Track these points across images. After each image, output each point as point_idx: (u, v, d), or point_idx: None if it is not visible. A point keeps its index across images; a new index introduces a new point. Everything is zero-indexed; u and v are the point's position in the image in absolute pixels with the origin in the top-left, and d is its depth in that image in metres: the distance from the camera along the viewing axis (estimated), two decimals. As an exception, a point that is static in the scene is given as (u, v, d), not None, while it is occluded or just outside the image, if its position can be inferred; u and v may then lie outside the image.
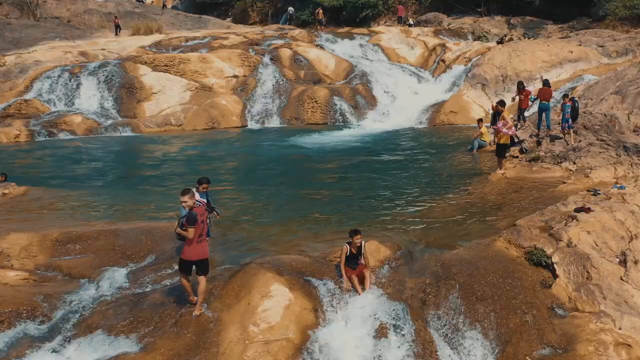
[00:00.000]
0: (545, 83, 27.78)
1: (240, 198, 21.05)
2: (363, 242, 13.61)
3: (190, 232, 11.87)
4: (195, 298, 12.44)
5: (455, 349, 12.27)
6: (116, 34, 57.45)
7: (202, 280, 12.27)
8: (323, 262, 14.29)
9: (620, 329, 12.56)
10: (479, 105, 40.13)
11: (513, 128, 23.36)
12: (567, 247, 14.48)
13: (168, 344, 11.66)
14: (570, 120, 23.93)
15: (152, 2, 77.43)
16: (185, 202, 12.02)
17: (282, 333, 11.91)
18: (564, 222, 15.52)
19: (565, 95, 25.03)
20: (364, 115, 41.80)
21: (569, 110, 23.80)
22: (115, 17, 59.84)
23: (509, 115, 23.51)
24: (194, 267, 12.31)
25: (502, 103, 23.81)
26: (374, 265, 14.09)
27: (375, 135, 36.58)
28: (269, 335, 11.81)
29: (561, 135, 24.47)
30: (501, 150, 22.73)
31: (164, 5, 77.10)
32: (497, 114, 23.87)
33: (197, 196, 13.11)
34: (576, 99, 25.44)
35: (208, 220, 12.63)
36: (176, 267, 12.97)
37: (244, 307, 12.32)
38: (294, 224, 17.74)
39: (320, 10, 63.08)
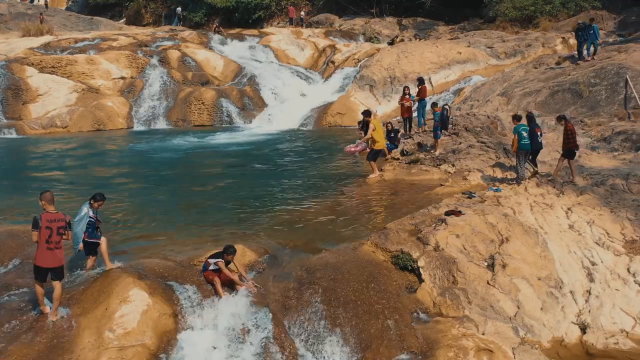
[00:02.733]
0: (420, 81, 28.34)
1: (115, 201, 20.56)
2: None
3: (34, 235, 11.80)
4: (47, 308, 12.18)
5: (315, 355, 12.25)
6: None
7: (57, 285, 12.06)
8: (187, 266, 14.19)
9: (483, 334, 12.74)
10: (366, 106, 40.39)
11: (362, 144, 23.62)
12: (434, 251, 14.65)
13: (21, 350, 11.32)
14: (439, 128, 24.20)
15: (47, 3, 76.21)
16: (41, 204, 12.02)
17: (138, 339, 11.82)
18: (433, 225, 15.73)
19: (434, 104, 25.37)
20: (251, 117, 42.27)
21: (439, 118, 24.08)
22: (41, 14, 62.17)
23: (380, 123, 23.61)
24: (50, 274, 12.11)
25: (367, 113, 23.84)
26: (239, 270, 13.92)
27: (261, 137, 36.69)
28: (124, 341, 11.72)
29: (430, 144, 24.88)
30: (373, 155, 22.91)
31: (46, 5, 75.71)
32: (365, 124, 23.94)
33: (86, 211, 13.44)
34: (447, 107, 25.84)
35: (65, 231, 12.22)
36: None
37: (101, 312, 12.18)
38: (166, 229, 17.54)
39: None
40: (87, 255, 13.82)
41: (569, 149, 19.66)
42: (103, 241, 13.58)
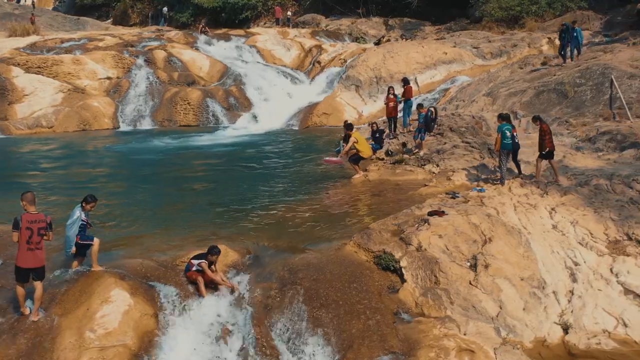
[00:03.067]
0: (405, 81, 28.38)
1: (101, 202, 20.49)
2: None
3: (14, 236, 11.88)
4: (28, 309, 12.19)
5: (297, 355, 12.27)
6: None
7: (38, 285, 12.06)
8: (169, 267, 14.21)
9: (465, 334, 12.76)
10: (352, 107, 40.75)
11: (341, 158, 23.63)
12: (416, 251, 14.67)
13: (1, 350, 11.37)
14: (423, 130, 24.21)
15: (34, 3, 76.36)
16: (22, 204, 12.08)
17: (119, 339, 11.86)
18: (416, 225, 15.76)
19: (420, 105, 25.41)
20: (237, 117, 42.20)
21: (423, 119, 24.09)
22: (32, 14, 62.35)
23: (361, 136, 23.63)
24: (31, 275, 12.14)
25: (348, 127, 23.83)
26: (221, 269, 14.03)
27: (246, 137, 36.71)
28: (105, 341, 11.75)
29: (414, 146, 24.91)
30: (355, 160, 22.98)
31: (34, 5, 75.73)
32: (345, 137, 23.95)
33: (78, 214, 13.44)
34: (432, 109, 25.83)
35: (46, 231, 12.19)
36: None
37: (82, 313, 12.20)
38: (149, 229, 17.57)
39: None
40: (76, 257, 13.75)
41: (548, 150, 19.72)
42: (96, 242, 13.53)
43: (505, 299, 13.84)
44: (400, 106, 28.59)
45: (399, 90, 29.37)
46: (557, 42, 39.23)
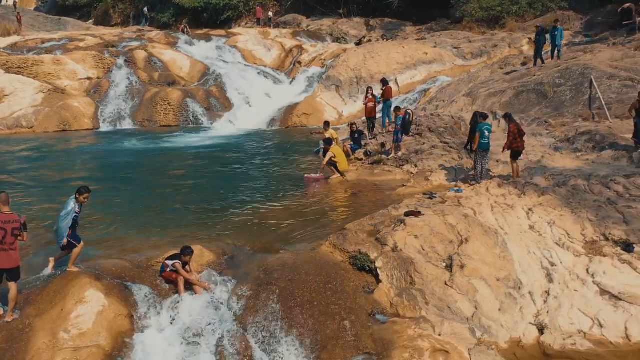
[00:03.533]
0: (384, 82, 28.42)
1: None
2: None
3: None
4: (1, 310, 12.18)
5: (271, 356, 12.28)
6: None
7: (12, 286, 12.05)
8: (145, 267, 14.20)
9: (440, 335, 12.78)
10: (332, 107, 40.88)
11: (321, 175, 23.56)
12: (392, 252, 14.68)
13: None
14: (401, 132, 24.23)
15: (15, 3, 76.01)
16: None
17: (92, 339, 11.87)
18: (392, 226, 15.77)
19: (397, 108, 25.45)
20: (217, 117, 42.29)
21: (400, 122, 24.11)
22: (18, 14, 62.63)
23: (339, 150, 23.72)
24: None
25: (327, 141, 23.83)
26: (196, 270, 14.04)
27: (226, 137, 36.73)
28: (79, 342, 11.76)
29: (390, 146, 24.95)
30: (332, 163, 23.05)
31: (15, 5, 75.60)
32: (324, 151, 23.97)
33: (72, 206, 13.38)
34: (409, 111, 25.89)
35: (20, 232, 12.11)
36: None
37: (57, 313, 12.21)
38: (126, 230, 17.52)
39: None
40: (64, 249, 13.65)
41: (515, 150, 19.82)
42: (80, 245, 13.52)
43: (481, 300, 13.87)
44: (380, 107, 28.61)
45: (378, 90, 29.38)
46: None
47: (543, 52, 34.47)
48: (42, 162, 28.90)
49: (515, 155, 19.95)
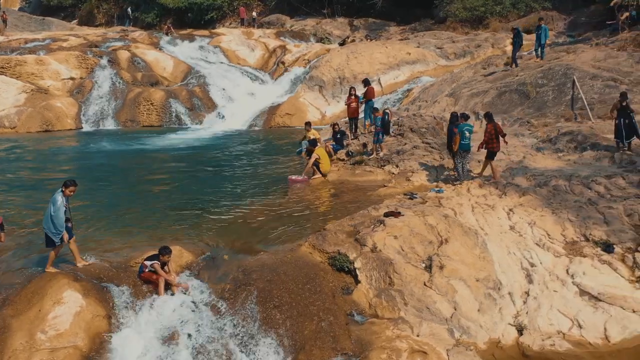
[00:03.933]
0: (366, 82, 28.43)
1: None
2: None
3: None
4: None
5: (249, 357, 12.26)
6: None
7: None
8: (123, 268, 14.13)
9: (418, 335, 12.80)
10: (315, 107, 40.92)
11: (305, 177, 23.50)
12: (371, 252, 14.67)
13: None
14: (382, 133, 24.24)
15: (-1, 2, 76.17)
16: None
17: (70, 340, 11.86)
18: (372, 226, 15.76)
19: (376, 109, 25.56)
20: (200, 117, 42.38)
21: (380, 123, 24.11)
22: (4, 13, 62.82)
23: (324, 152, 23.72)
24: None
25: (312, 142, 23.88)
26: (175, 270, 13.98)
27: (209, 138, 36.73)
28: (56, 343, 11.75)
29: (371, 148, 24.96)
30: (316, 164, 23.07)
31: None
32: (308, 152, 24.01)
33: (60, 199, 13.31)
34: (387, 111, 25.96)
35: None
36: None
37: (34, 314, 12.18)
38: (105, 230, 17.39)
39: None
40: (53, 246, 13.47)
41: (490, 150, 19.89)
42: (61, 245, 13.48)
43: (460, 300, 13.89)
44: (362, 107, 28.61)
45: (361, 90, 29.37)
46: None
47: (528, 52, 34.58)
48: (21, 163, 28.76)
49: (490, 155, 20.02)
